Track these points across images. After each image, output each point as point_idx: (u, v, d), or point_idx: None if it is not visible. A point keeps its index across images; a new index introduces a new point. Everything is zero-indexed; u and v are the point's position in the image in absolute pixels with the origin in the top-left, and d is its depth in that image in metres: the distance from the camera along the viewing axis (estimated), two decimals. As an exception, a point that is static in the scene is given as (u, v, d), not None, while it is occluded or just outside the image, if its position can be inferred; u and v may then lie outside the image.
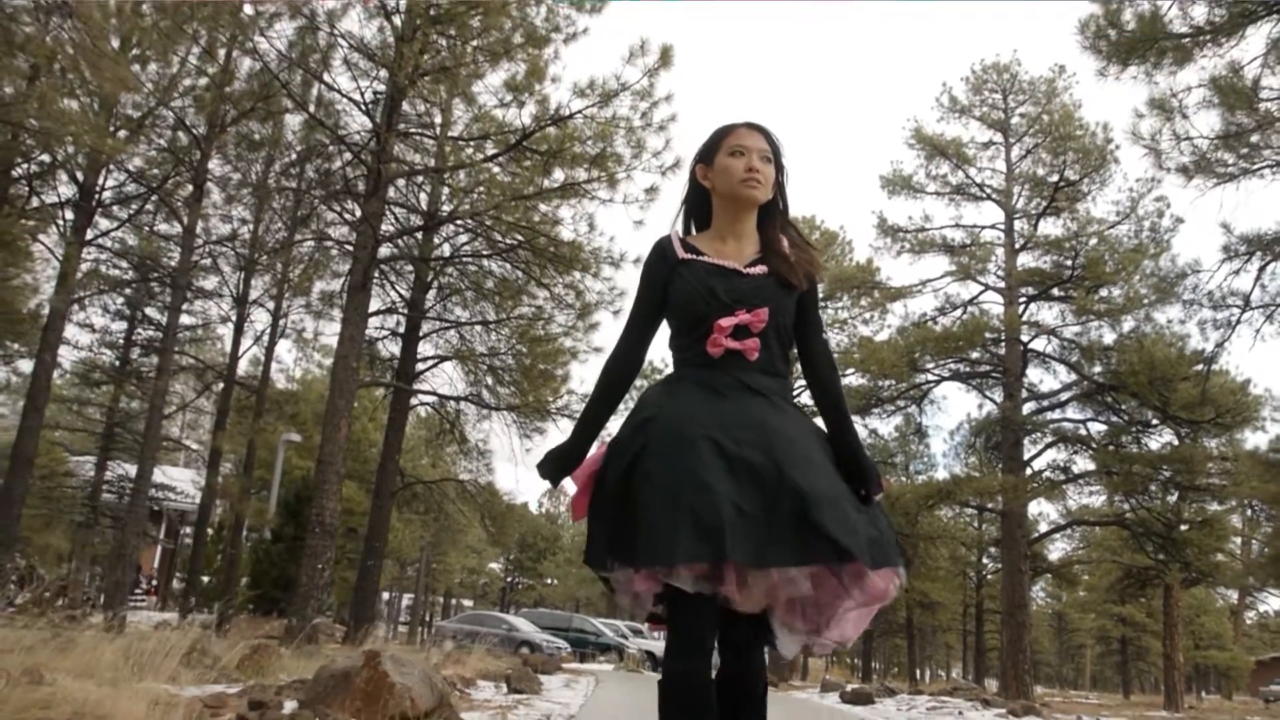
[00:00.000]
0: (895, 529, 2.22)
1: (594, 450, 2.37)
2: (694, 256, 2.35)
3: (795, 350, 2.46)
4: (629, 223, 15.34)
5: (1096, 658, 68.99)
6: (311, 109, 14.47)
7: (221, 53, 15.44)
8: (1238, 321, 12.51)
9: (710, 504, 2.04)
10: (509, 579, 70.94)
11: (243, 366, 22.80)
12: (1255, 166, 10.01)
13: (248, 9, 13.98)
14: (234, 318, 20.53)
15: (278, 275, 18.24)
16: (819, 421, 2.42)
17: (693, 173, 2.48)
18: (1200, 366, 16.46)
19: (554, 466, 2.38)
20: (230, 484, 17.57)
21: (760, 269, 2.34)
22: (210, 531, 22.56)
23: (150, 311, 21.08)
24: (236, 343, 20.50)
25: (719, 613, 2.12)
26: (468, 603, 68.81)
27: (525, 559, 66.51)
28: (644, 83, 12.78)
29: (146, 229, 18.76)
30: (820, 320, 2.46)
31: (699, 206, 2.49)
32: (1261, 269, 11.55)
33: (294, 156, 15.61)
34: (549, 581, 68.83)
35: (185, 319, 19.70)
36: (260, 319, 21.35)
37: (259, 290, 20.95)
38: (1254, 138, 9.79)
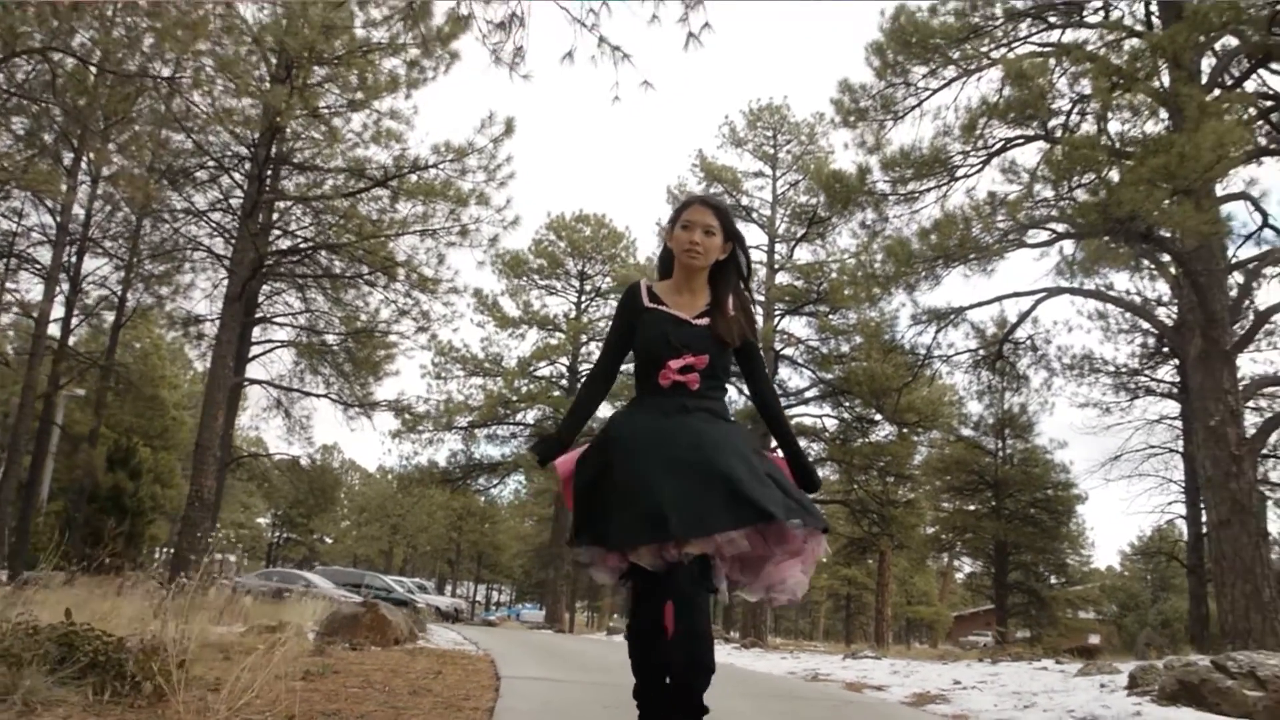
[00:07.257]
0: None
1: (569, 454, 2.89)
2: (655, 305, 2.87)
3: (745, 384, 3.04)
4: (473, 262, 18.01)
5: (828, 613, 77.41)
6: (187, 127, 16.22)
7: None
8: (921, 365, 17.21)
9: (655, 499, 2.55)
10: (277, 536, 70.23)
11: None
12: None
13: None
14: (65, 294, 21.57)
15: (128, 263, 19.64)
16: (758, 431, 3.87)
17: (665, 234, 2.99)
18: (905, 383, 20.99)
19: (543, 449, 2.92)
20: (88, 454, 18.95)
21: (705, 320, 2.85)
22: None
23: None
24: (68, 318, 21.61)
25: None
26: (231, 558, 67.47)
27: (296, 515, 65.75)
28: (490, 147, 15.65)
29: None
30: (763, 368, 3.03)
31: (667, 260, 3.00)
32: (937, 332, 16.16)
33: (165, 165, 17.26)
34: (315, 536, 68.48)
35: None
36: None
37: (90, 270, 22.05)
38: (921, 270, 14.22)
